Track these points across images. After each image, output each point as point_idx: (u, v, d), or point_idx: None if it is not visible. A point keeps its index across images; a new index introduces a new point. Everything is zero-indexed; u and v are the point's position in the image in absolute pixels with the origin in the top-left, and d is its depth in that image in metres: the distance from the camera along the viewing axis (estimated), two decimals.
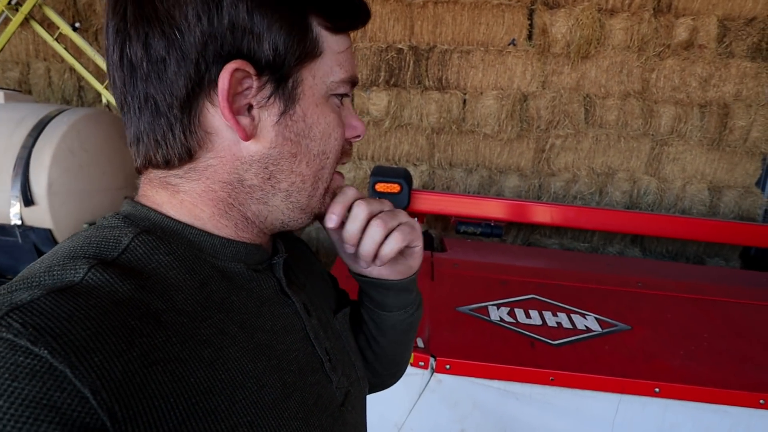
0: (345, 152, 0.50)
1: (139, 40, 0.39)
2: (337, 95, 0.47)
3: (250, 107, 0.43)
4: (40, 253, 3.15)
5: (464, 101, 4.33)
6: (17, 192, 2.98)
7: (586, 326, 1.98)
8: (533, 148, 4.34)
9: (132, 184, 3.69)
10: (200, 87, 0.41)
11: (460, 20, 4.26)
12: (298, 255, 0.62)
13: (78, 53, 4.11)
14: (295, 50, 0.42)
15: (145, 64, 0.40)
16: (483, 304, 2.13)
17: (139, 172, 0.47)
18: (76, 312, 0.32)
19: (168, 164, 0.44)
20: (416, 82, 4.38)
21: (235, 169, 0.44)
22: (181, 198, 0.45)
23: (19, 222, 3.04)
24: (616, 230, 3.97)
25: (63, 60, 4.60)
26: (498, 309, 2.10)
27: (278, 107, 0.44)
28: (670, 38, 4.11)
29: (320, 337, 0.53)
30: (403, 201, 3.12)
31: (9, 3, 3.78)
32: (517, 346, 1.84)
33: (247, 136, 0.43)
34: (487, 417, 1.76)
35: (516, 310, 2.10)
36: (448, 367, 1.72)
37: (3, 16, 3.86)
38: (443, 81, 4.38)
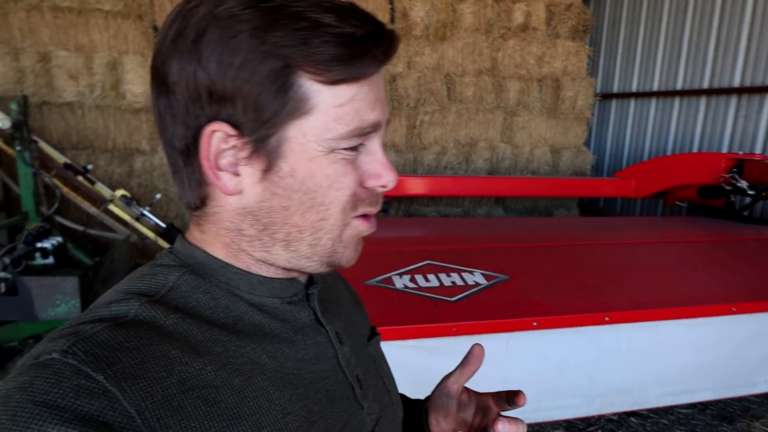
0: (360, 199, 0.47)
1: (154, 97, 0.44)
2: (345, 149, 0.44)
3: (237, 163, 0.44)
4: None
5: None
6: None
7: (475, 281, 2.29)
8: (405, 124, 4.65)
9: None
10: (194, 144, 0.43)
11: None
12: (332, 283, 0.64)
13: None
14: (273, 109, 0.41)
15: (157, 119, 0.45)
16: (387, 275, 2.32)
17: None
18: (127, 343, 0.38)
19: (190, 207, 0.48)
20: None
21: (233, 218, 0.46)
22: (206, 238, 0.48)
23: None
24: (486, 195, 4.50)
25: None
26: (401, 278, 2.30)
27: (261, 164, 0.43)
28: (509, 21, 4.68)
29: (352, 364, 0.55)
30: None
31: None
32: (423, 307, 2.07)
33: (230, 192, 0.44)
34: (405, 373, 1.95)
35: (416, 276, 2.32)
36: None
37: None
38: None
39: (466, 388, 0.67)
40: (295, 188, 0.44)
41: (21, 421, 0.31)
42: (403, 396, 0.77)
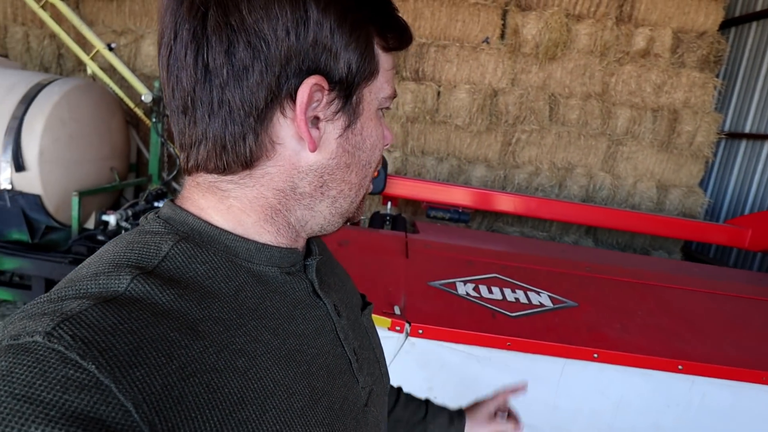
0: (379, 161, 0.53)
1: (222, 47, 0.39)
2: (381, 108, 0.50)
3: (316, 120, 0.44)
4: (27, 219, 3.23)
5: (438, 93, 4.53)
6: (8, 158, 3.03)
7: (540, 302, 2.23)
8: (500, 141, 4.60)
9: (117, 154, 3.75)
10: (276, 98, 0.42)
11: (438, 16, 4.44)
12: (323, 251, 0.63)
13: (59, 20, 4.04)
14: (364, 69, 0.44)
15: (225, 71, 0.40)
16: (452, 280, 2.34)
17: (188, 173, 0.47)
18: (120, 325, 0.34)
19: (226, 170, 0.44)
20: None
21: (291, 177, 0.45)
22: (230, 204, 0.46)
23: (9, 187, 3.10)
24: (572, 221, 4.29)
25: (42, 25, 4.50)
26: (465, 285, 2.31)
27: (343, 122, 0.45)
28: (629, 46, 4.43)
29: (349, 337, 0.54)
30: (379, 185, 3.31)
31: None
32: (481, 316, 2.06)
33: (314, 148, 0.44)
34: (452, 376, 1.99)
35: (480, 286, 2.32)
36: (420, 331, 1.92)
37: None
38: (420, 72, 4.56)
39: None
40: (359, 146, 0.47)
41: None
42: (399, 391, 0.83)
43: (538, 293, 2.31)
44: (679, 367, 1.92)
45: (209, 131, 0.42)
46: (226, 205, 0.45)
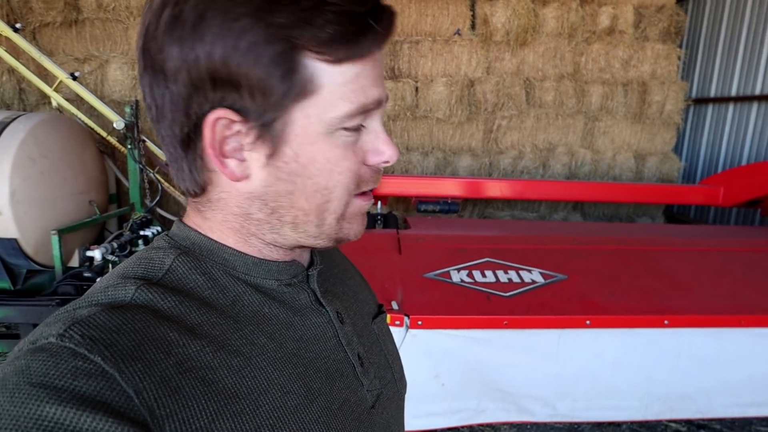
0: (363, 180, 0.48)
1: (147, 86, 0.43)
2: (346, 129, 0.44)
3: (240, 149, 0.43)
4: (6, 265, 3.10)
5: (416, 89, 4.65)
6: None
7: (531, 279, 2.37)
8: (482, 129, 4.74)
9: (94, 187, 3.63)
10: (195, 131, 0.42)
11: (408, 12, 4.57)
12: (335, 264, 0.64)
13: (16, 54, 3.79)
14: (280, 92, 0.41)
15: (153, 108, 0.43)
16: (446, 269, 2.45)
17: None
18: (124, 326, 0.38)
19: (190, 194, 0.47)
20: None
21: (240, 203, 0.46)
22: (210, 225, 0.49)
23: None
24: (559, 199, 4.46)
25: (0, 61, 4.19)
26: (459, 272, 2.42)
27: (266, 149, 0.43)
28: (594, 25, 4.60)
29: (353, 343, 0.55)
30: None
31: None
32: (476, 300, 2.18)
33: (237, 178, 0.44)
34: (456, 361, 2.10)
35: (474, 271, 2.44)
36: (420, 323, 2.01)
37: None
38: (395, 70, 4.68)
39: None
40: (298, 173, 0.44)
41: (18, 402, 0.32)
42: None
43: (529, 271, 2.45)
44: (666, 321, 2.07)
45: (168, 159, 0.47)
46: (208, 225, 0.49)
